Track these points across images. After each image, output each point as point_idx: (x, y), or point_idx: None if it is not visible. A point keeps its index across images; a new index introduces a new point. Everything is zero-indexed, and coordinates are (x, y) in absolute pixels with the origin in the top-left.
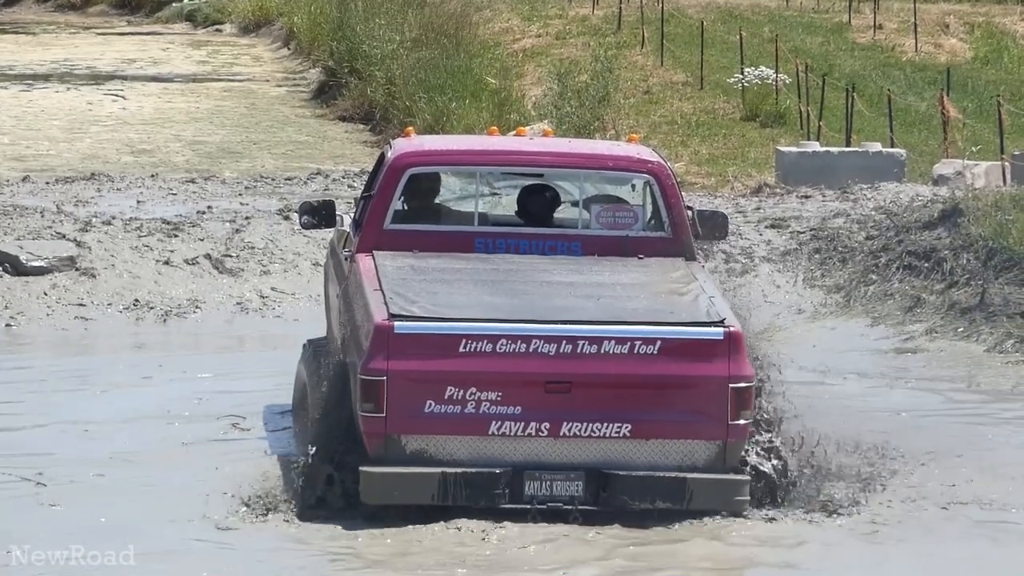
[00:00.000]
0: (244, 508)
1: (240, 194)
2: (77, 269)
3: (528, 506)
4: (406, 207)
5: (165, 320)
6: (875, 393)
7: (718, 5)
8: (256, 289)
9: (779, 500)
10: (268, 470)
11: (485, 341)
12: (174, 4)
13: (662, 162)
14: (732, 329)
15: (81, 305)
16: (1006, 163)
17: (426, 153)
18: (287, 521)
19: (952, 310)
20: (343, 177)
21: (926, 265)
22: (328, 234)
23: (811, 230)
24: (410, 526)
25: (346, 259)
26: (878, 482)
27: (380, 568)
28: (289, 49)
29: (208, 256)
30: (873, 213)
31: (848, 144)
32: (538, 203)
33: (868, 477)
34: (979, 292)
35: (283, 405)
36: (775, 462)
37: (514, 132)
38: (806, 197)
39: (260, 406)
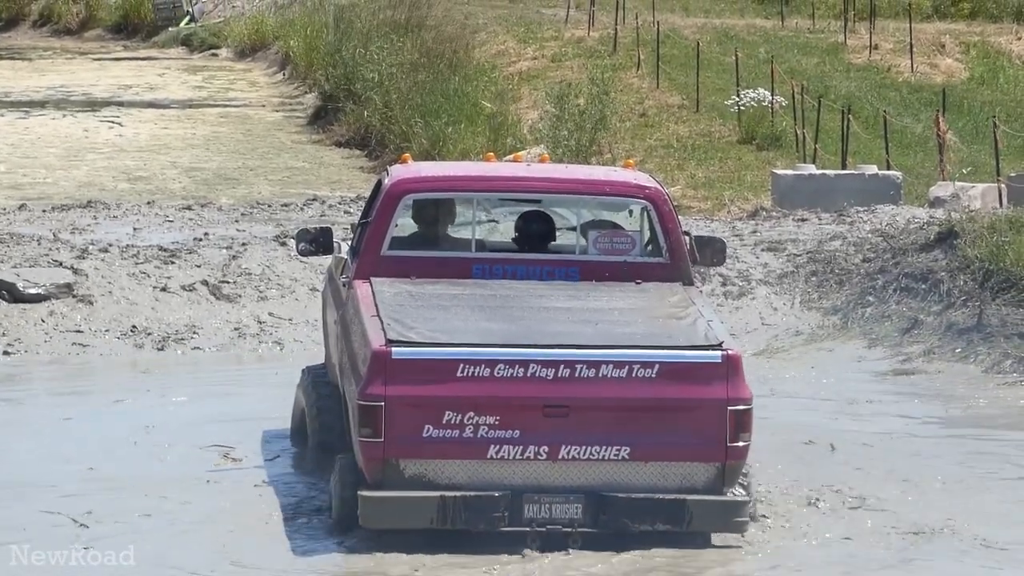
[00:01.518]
0: (244, 536)
1: (237, 220)
2: (74, 296)
3: (527, 529)
4: (403, 233)
5: (162, 347)
6: (871, 416)
7: (714, 26)
8: (253, 315)
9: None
10: (264, 497)
11: (483, 366)
12: (170, 29)
13: (659, 188)
14: (731, 352)
15: (78, 332)
16: (1002, 184)
17: (423, 180)
18: (284, 547)
19: (949, 331)
20: (340, 203)
21: (923, 287)
22: (325, 260)
23: (808, 253)
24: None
25: (344, 285)
26: (863, 507)
27: None
28: (285, 74)
29: (205, 282)
30: (870, 235)
31: (844, 167)
32: (535, 229)
33: (852, 503)
34: (976, 313)
35: (281, 431)
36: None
37: (511, 157)
38: (802, 220)
39: (259, 433)
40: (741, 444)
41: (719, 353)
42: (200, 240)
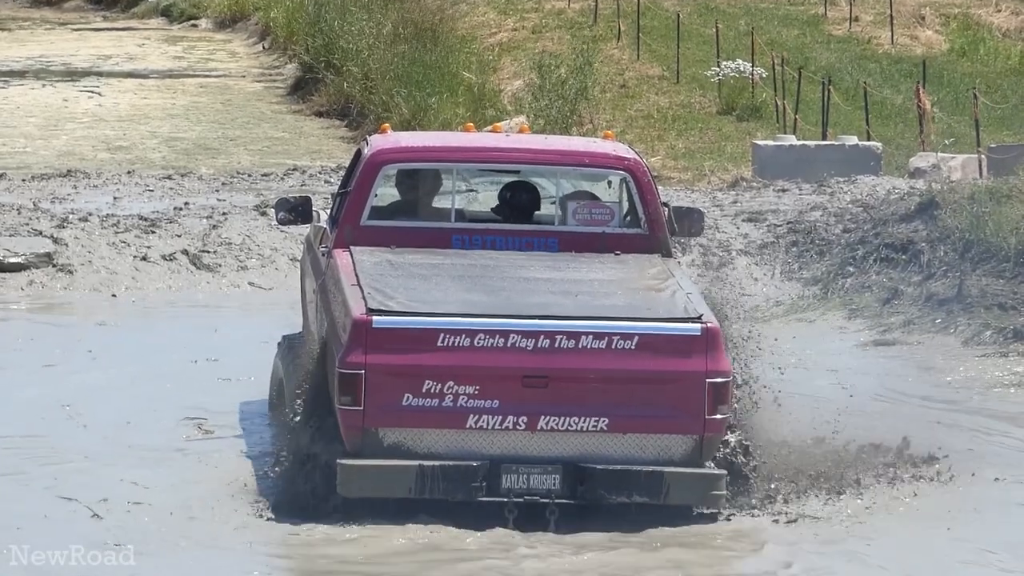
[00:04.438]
0: (223, 509)
1: (217, 190)
2: (54, 265)
3: (505, 499)
4: (382, 203)
5: (142, 316)
6: (851, 388)
7: None
8: (233, 284)
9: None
10: (241, 469)
11: (463, 335)
12: (150, 0)
13: (638, 159)
14: (710, 325)
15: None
16: (982, 155)
17: (402, 150)
18: (263, 519)
19: (929, 302)
20: (320, 173)
21: (903, 257)
22: (304, 230)
23: (788, 223)
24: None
25: (323, 255)
26: (845, 481)
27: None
28: (265, 44)
29: (185, 252)
30: (850, 206)
31: (824, 137)
32: (518, 200)
33: (834, 477)
34: (956, 284)
35: (260, 401)
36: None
37: (490, 128)
38: (783, 191)
39: (236, 402)
40: (719, 417)
41: (698, 326)
42: (180, 210)
